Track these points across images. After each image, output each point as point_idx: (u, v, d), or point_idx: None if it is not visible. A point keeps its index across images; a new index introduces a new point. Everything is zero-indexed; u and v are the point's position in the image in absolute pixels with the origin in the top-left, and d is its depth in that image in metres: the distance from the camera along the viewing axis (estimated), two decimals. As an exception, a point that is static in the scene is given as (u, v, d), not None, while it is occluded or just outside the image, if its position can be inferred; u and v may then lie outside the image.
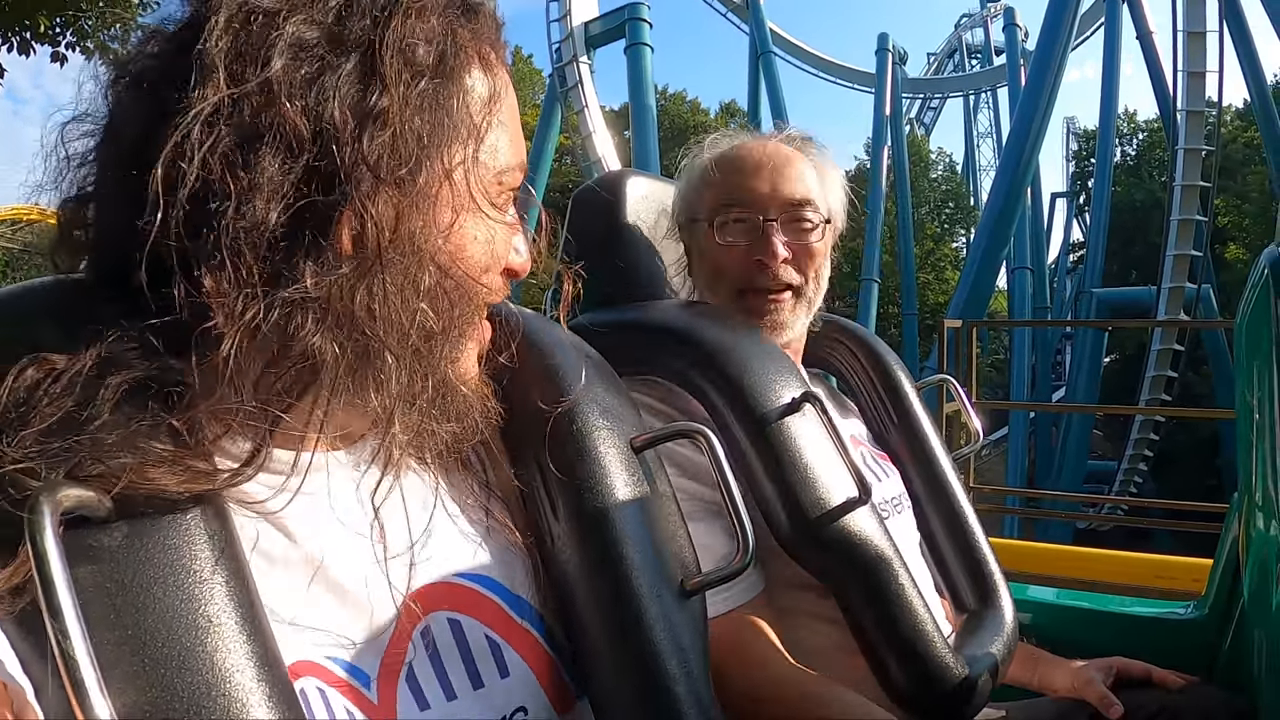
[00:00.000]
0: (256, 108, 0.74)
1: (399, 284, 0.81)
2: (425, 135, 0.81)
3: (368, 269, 0.78)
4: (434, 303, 0.84)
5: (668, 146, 30.32)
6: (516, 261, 0.96)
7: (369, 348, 0.81)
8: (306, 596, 0.83)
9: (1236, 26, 24.37)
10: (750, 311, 1.68)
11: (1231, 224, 36.34)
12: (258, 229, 0.73)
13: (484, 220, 0.89)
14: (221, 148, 0.73)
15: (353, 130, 0.76)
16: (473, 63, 0.88)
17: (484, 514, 1.04)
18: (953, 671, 1.45)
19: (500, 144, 0.91)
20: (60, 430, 0.69)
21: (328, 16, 0.78)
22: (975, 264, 23.96)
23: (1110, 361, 34.05)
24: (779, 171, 1.68)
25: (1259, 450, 1.44)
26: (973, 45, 53.99)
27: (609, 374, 1.18)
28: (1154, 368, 24.84)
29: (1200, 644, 1.97)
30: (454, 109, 0.84)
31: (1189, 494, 7.58)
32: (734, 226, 1.68)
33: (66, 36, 8.30)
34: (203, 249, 0.73)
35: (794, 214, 1.68)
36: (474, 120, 0.86)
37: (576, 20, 30.35)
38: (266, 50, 0.75)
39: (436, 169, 0.83)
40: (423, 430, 0.90)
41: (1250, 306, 1.45)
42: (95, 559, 0.67)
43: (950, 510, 1.83)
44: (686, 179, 1.78)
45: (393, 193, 0.79)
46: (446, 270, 0.86)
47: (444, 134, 0.83)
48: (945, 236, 52.28)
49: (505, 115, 0.92)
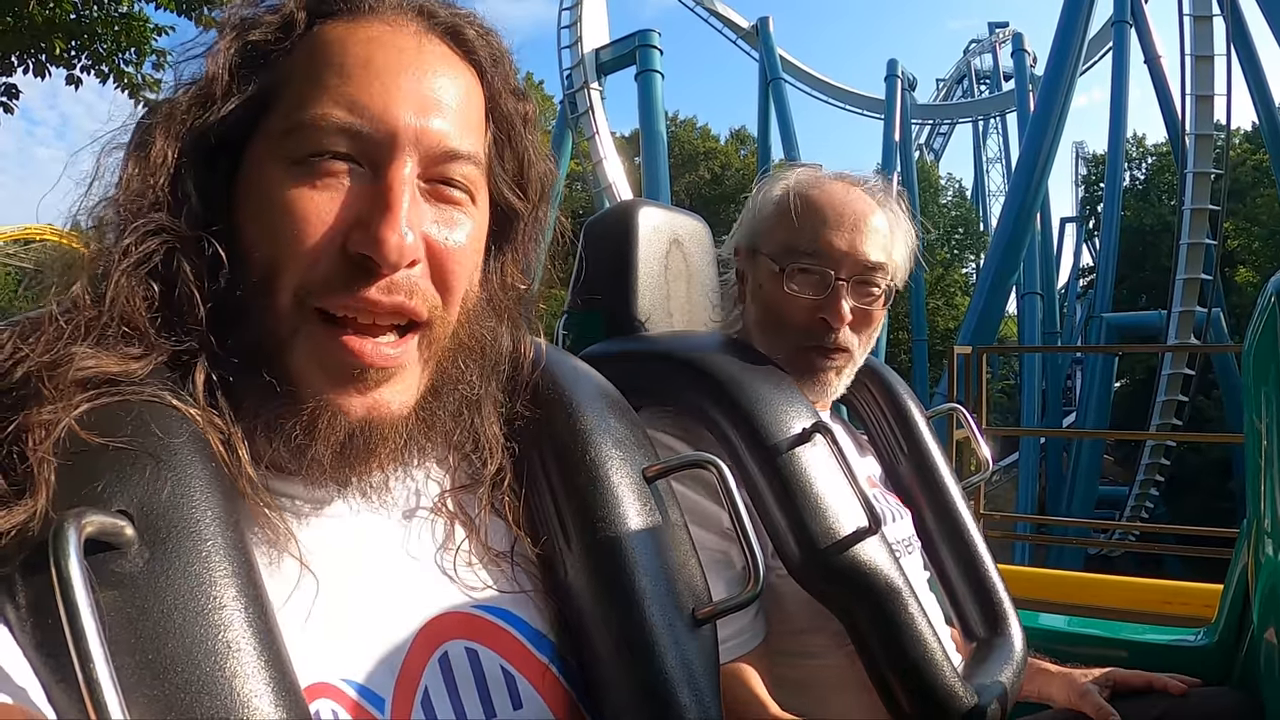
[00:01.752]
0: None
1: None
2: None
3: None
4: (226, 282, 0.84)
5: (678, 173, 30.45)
6: (356, 240, 0.83)
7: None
8: (324, 620, 0.84)
9: (1244, 50, 24.41)
10: (806, 368, 1.66)
11: (1241, 247, 36.30)
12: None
13: (265, 192, 0.84)
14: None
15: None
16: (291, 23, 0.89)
17: (504, 545, 1.04)
18: (962, 700, 1.45)
19: (295, 101, 0.85)
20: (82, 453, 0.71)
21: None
22: (985, 289, 23.96)
23: (1121, 386, 33.92)
24: (858, 229, 1.64)
25: (1268, 476, 1.44)
26: (981, 71, 54.12)
27: (621, 404, 1.19)
28: (1165, 392, 24.81)
29: (1211, 669, 1.96)
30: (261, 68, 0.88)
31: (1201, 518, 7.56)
32: (803, 277, 1.64)
33: (81, 60, 8.36)
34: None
35: (865, 277, 1.65)
36: (262, 88, 0.87)
37: (588, 47, 30.50)
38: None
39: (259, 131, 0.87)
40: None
41: (1258, 333, 1.46)
42: (118, 585, 0.68)
43: (960, 540, 1.83)
44: (760, 208, 1.74)
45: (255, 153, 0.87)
46: (236, 234, 0.85)
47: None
48: (955, 262, 52.19)
49: (319, 73, 0.85)
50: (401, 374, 0.89)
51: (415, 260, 0.85)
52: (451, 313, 0.92)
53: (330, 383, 0.84)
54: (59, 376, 0.73)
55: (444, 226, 0.89)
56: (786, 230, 1.66)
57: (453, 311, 0.92)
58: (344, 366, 0.84)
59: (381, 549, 0.92)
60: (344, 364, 0.84)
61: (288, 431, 0.83)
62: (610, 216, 1.86)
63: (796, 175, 1.74)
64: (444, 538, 1.00)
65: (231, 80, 0.86)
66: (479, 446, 1.02)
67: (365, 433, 0.86)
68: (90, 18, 8.27)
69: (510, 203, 1.01)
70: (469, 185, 0.91)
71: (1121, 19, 27.88)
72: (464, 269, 0.91)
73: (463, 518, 1.02)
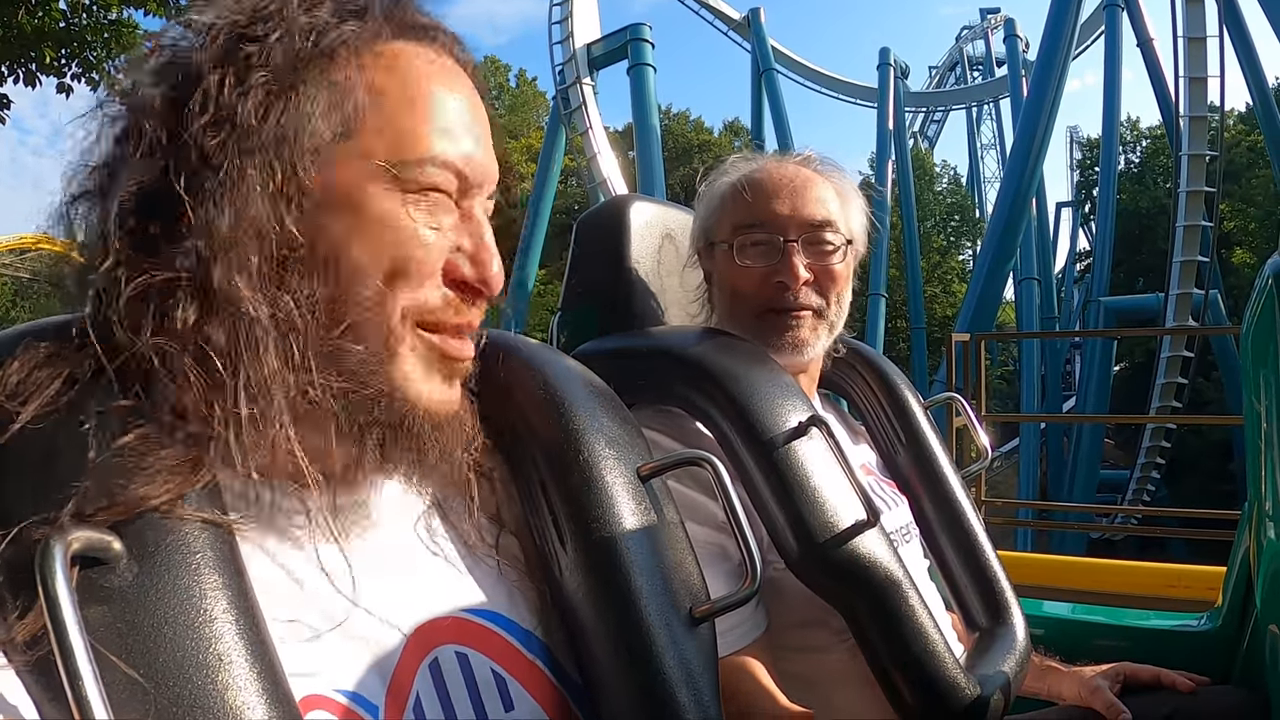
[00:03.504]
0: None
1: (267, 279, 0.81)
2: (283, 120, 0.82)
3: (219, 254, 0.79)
4: (323, 305, 0.83)
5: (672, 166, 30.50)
6: (465, 272, 0.90)
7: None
8: (314, 631, 0.83)
9: (1236, 30, 24.45)
10: (770, 331, 1.66)
11: (1237, 228, 36.35)
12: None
13: (373, 219, 0.85)
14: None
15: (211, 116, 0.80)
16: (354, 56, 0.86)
17: (493, 548, 1.04)
18: (964, 692, 1.44)
19: (399, 139, 0.86)
20: (66, 468, 0.70)
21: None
22: (982, 276, 24.00)
23: (1120, 369, 33.98)
24: (799, 193, 1.66)
25: (1268, 458, 1.43)
26: (974, 57, 54.23)
27: (615, 402, 1.18)
28: (1164, 375, 24.86)
29: (1216, 654, 1.96)
30: (319, 98, 0.84)
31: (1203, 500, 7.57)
32: (753, 249, 1.65)
33: (72, 68, 8.38)
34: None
35: (815, 235, 1.66)
36: (353, 113, 0.84)
37: (579, 42, 30.52)
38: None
39: (296, 154, 0.82)
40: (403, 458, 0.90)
41: (1256, 316, 1.45)
42: (106, 600, 0.68)
43: (961, 529, 1.82)
44: (706, 203, 1.75)
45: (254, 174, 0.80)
46: (330, 270, 0.84)
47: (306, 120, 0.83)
48: (951, 249, 52.34)
49: (412, 112, 0.87)
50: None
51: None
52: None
53: (434, 388, 0.90)
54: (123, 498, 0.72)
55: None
56: (732, 213, 1.69)
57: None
58: (449, 372, 0.92)
59: (368, 556, 0.92)
60: (449, 370, 0.92)
61: (374, 435, 0.87)
62: (602, 212, 1.85)
63: (730, 162, 1.78)
64: (433, 542, 0.99)
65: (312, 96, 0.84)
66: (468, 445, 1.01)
67: (448, 424, 0.92)
68: (79, 26, 8.29)
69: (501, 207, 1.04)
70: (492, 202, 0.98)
71: (1113, 2, 27.97)
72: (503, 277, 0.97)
73: (451, 520, 1.02)
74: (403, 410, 0.87)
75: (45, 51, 8.06)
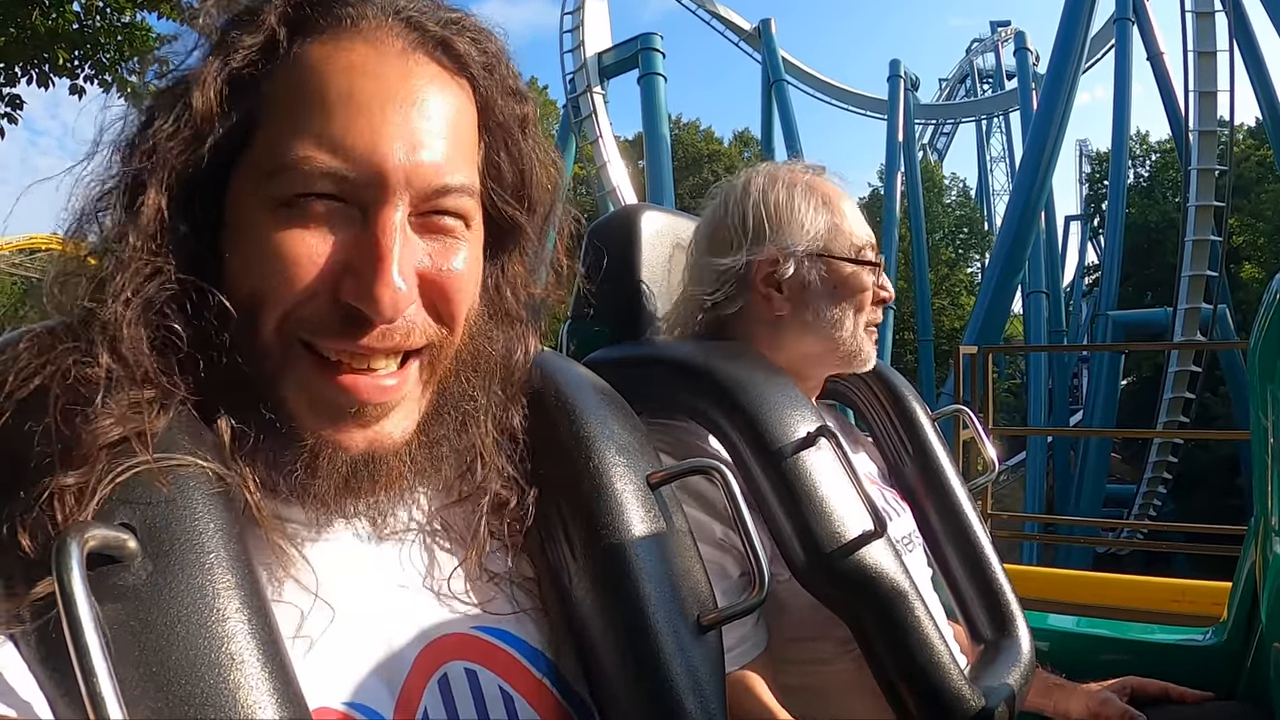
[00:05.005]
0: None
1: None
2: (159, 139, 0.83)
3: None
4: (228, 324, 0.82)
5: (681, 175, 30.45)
6: (345, 292, 0.81)
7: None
8: (324, 644, 0.84)
9: (1246, 45, 24.39)
10: (869, 341, 1.74)
11: (1246, 243, 36.26)
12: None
13: (246, 233, 0.82)
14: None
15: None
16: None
17: (502, 564, 1.04)
18: (969, 703, 1.45)
19: (280, 140, 0.81)
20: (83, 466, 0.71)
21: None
22: (990, 289, 23.94)
23: (1127, 384, 33.86)
24: (859, 218, 1.74)
25: (1275, 473, 1.43)
26: (984, 70, 54.08)
27: (625, 410, 1.18)
28: (1171, 390, 24.76)
29: (1221, 669, 1.96)
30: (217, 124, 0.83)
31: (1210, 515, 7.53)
32: (869, 265, 1.71)
33: (85, 69, 8.40)
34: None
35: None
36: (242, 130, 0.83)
37: (590, 50, 30.51)
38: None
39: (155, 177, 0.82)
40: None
41: (1264, 329, 1.45)
42: (121, 598, 0.68)
43: (967, 541, 1.82)
44: (797, 207, 1.69)
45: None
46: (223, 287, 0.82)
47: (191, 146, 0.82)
48: (960, 262, 52.26)
49: (299, 105, 0.82)
50: (402, 404, 0.88)
51: (410, 303, 0.84)
52: (455, 335, 0.90)
53: (327, 421, 0.83)
54: (86, 443, 0.72)
55: (439, 257, 0.87)
56: (846, 229, 1.71)
57: (456, 334, 0.90)
58: (340, 405, 0.83)
59: (380, 571, 0.92)
60: (339, 403, 0.83)
61: (289, 467, 0.83)
62: (613, 221, 1.86)
63: (801, 169, 1.76)
64: (443, 558, 0.99)
65: (218, 111, 0.82)
66: (477, 460, 1.00)
67: (368, 465, 0.85)
68: (93, 28, 8.31)
69: (510, 216, 0.99)
70: (463, 213, 0.88)
71: (1123, 16, 27.87)
72: (465, 294, 0.89)
73: (461, 536, 1.02)
74: (303, 438, 0.83)
75: (59, 53, 8.09)
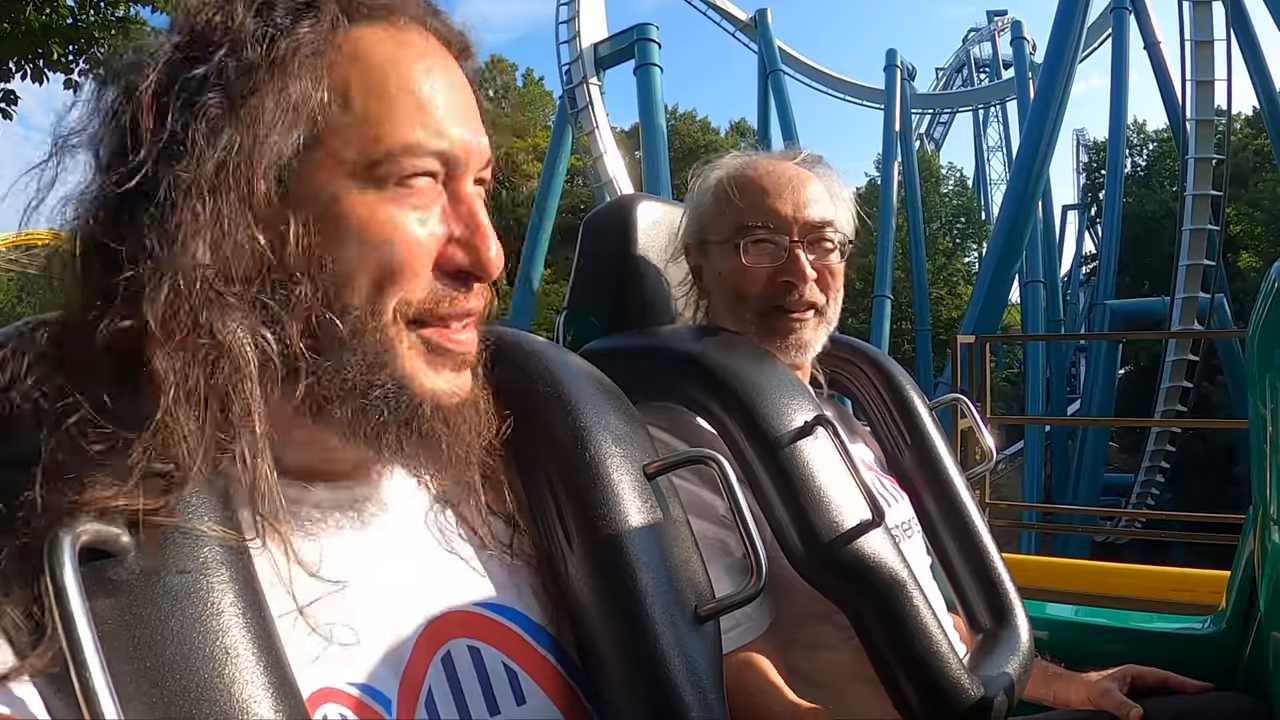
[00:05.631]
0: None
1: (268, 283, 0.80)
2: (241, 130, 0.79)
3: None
4: (316, 320, 0.81)
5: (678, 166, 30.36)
6: (461, 260, 0.89)
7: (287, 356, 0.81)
8: (328, 625, 0.83)
9: (1244, 34, 24.39)
10: (774, 332, 1.67)
11: (1244, 232, 36.31)
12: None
13: (352, 214, 0.82)
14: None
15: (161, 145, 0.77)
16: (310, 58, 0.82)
17: (503, 543, 1.04)
18: (968, 693, 1.44)
19: (379, 126, 0.83)
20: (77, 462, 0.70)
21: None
22: (988, 278, 23.92)
23: (1125, 373, 33.89)
24: (800, 193, 1.68)
25: (1273, 462, 1.43)
26: (981, 59, 54.02)
27: (621, 400, 1.18)
28: (1169, 379, 24.77)
29: (1219, 658, 1.96)
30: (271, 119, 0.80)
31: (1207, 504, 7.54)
32: (758, 248, 1.67)
33: (79, 64, 8.38)
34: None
35: (818, 235, 1.68)
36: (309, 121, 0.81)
37: (586, 42, 30.44)
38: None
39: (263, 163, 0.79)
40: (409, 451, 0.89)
41: (1262, 318, 1.45)
42: (114, 592, 0.68)
43: (965, 530, 1.82)
44: (698, 199, 1.76)
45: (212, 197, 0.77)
46: (318, 266, 0.82)
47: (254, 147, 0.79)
48: (957, 251, 52.26)
49: (373, 101, 0.84)
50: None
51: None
52: (491, 295, 0.96)
53: (440, 380, 0.89)
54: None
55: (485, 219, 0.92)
56: (731, 212, 1.69)
57: (491, 294, 0.96)
58: (453, 363, 0.90)
59: (383, 552, 0.92)
60: (453, 361, 0.90)
61: (389, 435, 0.85)
62: (609, 211, 1.85)
63: (726, 163, 1.78)
64: (444, 536, 1.00)
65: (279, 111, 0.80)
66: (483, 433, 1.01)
67: (458, 414, 0.91)
68: (87, 22, 8.30)
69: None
70: (487, 181, 0.95)
71: (1120, 5, 27.85)
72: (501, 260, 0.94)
73: (462, 514, 1.03)
74: (412, 407, 0.86)
75: (53, 48, 8.07)
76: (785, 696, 1.39)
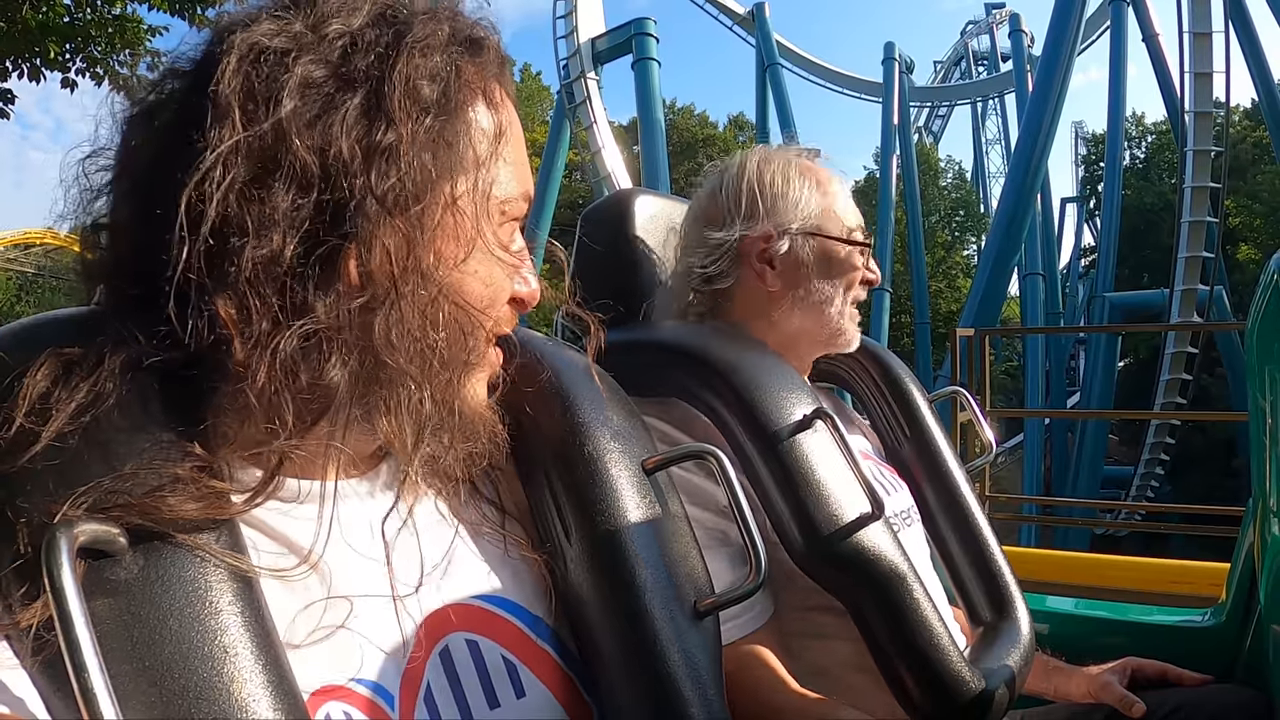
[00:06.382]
0: (270, 146, 0.76)
1: (414, 313, 0.82)
2: (430, 169, 0.82)
3: (383, 299, 0.80)
4: (448, 331, 0.85)
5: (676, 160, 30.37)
6: (523, 291, 0.97)
7: (380, 375, 0.82)
8: (326, 621, 0.83)
9: (1242, 26, 24.38)
10: (854, 322, 1.74)
11: (1242, 224, 36.31)
12: (274, 262, 0.75)
13: (488, 252, 0.90)
14: (239, 185, 0.75)
15: (360, 165, 0.78)
16: (476, 98, 0.89)
17: (501, 537, 1.05)
18: (969, 685, 1.44)
19: (503, 176, 0.91)
20: (75, 462, 0.70)
21: (334, 55, 0.80)
22: (987, 271, 23.88)
23: (1124, 365, 33.88)
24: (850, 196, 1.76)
25: (1273, 454, 1.43)
26: (979, 52, 53.95)
27: (620, 395, 1.18)
28: (1168, 371, 24.79)
29: (1219, 650, 1.96)
30: (458, 143, 0.85)
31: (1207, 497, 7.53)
32: (865, 249, 1.74)
33: (76, 62, 8.36)
34: (222, 281, 0.75)
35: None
36: (477, 154, 0.87)
37: (584, 36, 30.38)
38: (278, 91, 0.76)
39: (440, 202, 0.83)
40: (436, 454, 0.91)
41: (1261, 310, 1.44)
42: (112, 592, 0.68)
43: (965, 523, 1.82)
44: (778, 187, 1.68)
45: (400, 225, 0.80)
46: (454, 300, 0.86)
47: (448, 168, 0.84)
48: (956, 244, 52.27)
49: (510, 148, 0.92)
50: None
51: None
52: None
53: (482, 390, 0.97)
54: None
55: None
56: (839, 212, 1.71)
57: None
58: (490, 375, 0.99)
59: (380, 547, 0.92)
60: (491, 374, 0.99)
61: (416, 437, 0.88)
62: (607, 206, 1.85)
63: (795, 151, 1.76)
64: (442, 529, 1.00)
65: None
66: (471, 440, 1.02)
67: (481, 420, 0.97)
68: (84, 20, 8.27)
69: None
70: None
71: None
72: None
73: (460, 509, 1.03)
74: (464, 417, 0.92)
75: (50, 46, 8.04)
76: (789, 687, 1.39)
